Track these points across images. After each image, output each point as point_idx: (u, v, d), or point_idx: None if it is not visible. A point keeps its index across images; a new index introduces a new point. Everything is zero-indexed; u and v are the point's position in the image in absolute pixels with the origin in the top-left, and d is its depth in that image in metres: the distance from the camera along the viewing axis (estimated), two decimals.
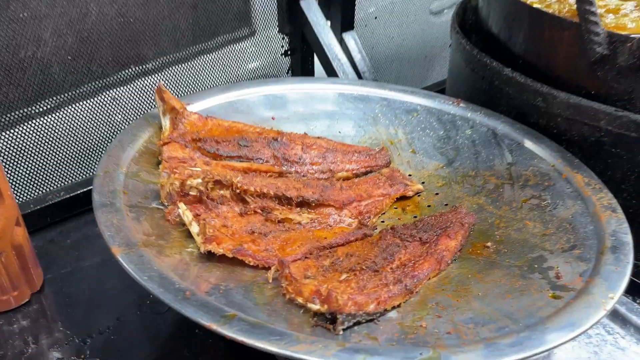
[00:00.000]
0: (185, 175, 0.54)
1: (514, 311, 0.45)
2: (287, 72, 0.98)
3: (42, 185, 0.76)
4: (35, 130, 0.73)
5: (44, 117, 0.73)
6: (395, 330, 0.43)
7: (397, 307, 0.46)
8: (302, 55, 0.96)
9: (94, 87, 0.76)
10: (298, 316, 0.44)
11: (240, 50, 0.90)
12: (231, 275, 0.48)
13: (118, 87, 0.78)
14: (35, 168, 0.75)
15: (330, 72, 0.90)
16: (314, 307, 0.43)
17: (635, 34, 0.57)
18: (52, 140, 0.76)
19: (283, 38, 0.94)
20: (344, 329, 0.42)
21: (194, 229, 0.51)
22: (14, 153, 0.73)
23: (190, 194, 0.54)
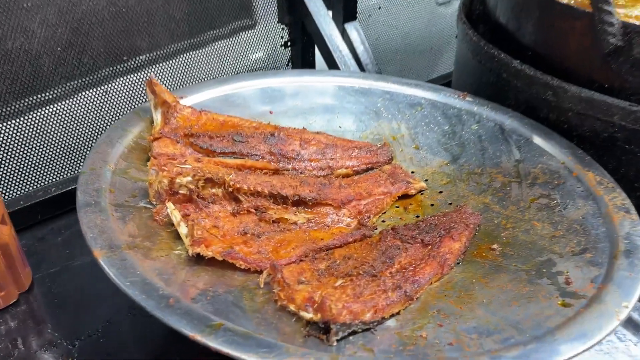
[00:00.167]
0: (174, 173, 0.53)
1: (520, 320, 0.43)
2: (287, 65, 0.97)
3: (32, 181, 0.75)
4: (26, 124, 0.72)
5: (34, 111, 0.72)
6: (393, 340, 0.41)
7: (395, 315, 0.45)
8: (303, 47, 0.95)
9: (86, 80, 0.74)
10: (290, 325, 0.42)
11: (239, 42, 0.89)
12: (221, 280, 0.46)
13: (111, 81, 0.77)
14: (25, 163, 0.74)
15: (332, 64, 0.89)
16: (306, 315, 0.41)
17: None
18: (43, 135, 0.74)
19: (283, 29, 0.93)
20: (338, 339, 0.41)
21: (182, 230, 0.49)
22: (2, 148, 0.71)
23: (179, 192, 0.52)
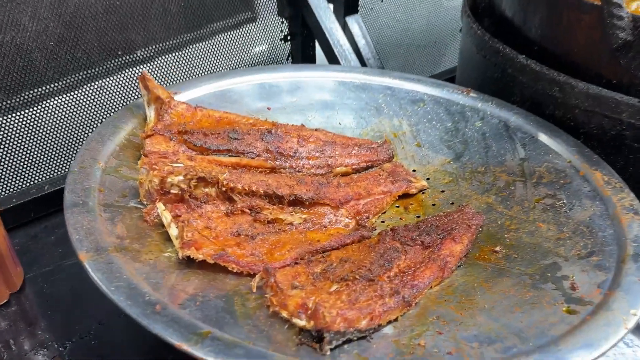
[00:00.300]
0: (165, 172, 0.51)
1: (523, 328, 0.42)
2: (286, 59, 0.95)
3: (25, 178, 0.74)
4: (19, 121, 0.71)
5: (27, 108, 0.71)
6: (390, 349, 0.40)
7: (393, 322, 0.43)
8: (303, 41, 0.93)
9: (79, 76, 0.73)
10: (282, 332, 0.41)
11: (239, 36, 0.87)
12: (212, 284, 0.45)
13: (105, 77, 0.76)
14: (18, 160, 0.72)
15: (332, 58, 0.87)
16: (299, 322, 0.40)
17: None
18: (36, 132, 0.73)
19: (282, 22, 0.91)
20: (332, 348, 0.39)
21: (172, 231, 0.47)
22: None
23: (171, 192, 0.51)
